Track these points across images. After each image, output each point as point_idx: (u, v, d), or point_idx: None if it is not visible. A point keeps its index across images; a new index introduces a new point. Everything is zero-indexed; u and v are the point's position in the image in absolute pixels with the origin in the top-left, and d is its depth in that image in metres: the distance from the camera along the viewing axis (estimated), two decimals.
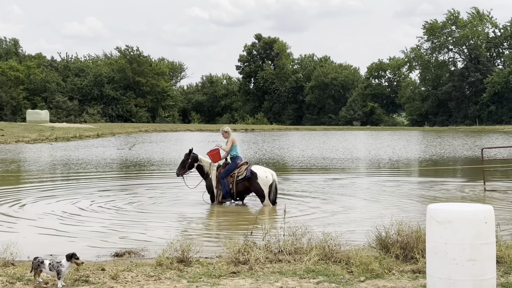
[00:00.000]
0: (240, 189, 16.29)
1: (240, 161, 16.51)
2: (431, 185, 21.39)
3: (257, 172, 16.11)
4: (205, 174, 16.75)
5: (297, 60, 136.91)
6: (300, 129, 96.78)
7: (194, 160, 16.74)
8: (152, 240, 11.77)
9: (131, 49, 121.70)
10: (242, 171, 16.22)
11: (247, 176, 16.06)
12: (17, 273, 8.42)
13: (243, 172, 16.17)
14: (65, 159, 34.22)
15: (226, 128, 16.88)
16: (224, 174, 16.27)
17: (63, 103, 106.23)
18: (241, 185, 16.23)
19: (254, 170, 16.17)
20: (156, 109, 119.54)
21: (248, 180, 16.09)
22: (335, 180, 23.46)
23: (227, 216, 15.26)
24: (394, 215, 12.34)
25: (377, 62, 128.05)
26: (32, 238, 11.93)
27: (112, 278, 8.25)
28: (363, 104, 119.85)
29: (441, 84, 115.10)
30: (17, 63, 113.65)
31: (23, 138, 52.82)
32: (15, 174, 26.21)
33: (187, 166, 16.78)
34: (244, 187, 16.28)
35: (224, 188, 16.26)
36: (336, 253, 9.26)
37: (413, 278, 8.17)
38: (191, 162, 16.75)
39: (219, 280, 8.21)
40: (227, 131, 16.69)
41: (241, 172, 16.21)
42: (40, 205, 16.30)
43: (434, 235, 6.77)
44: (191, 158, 16.75)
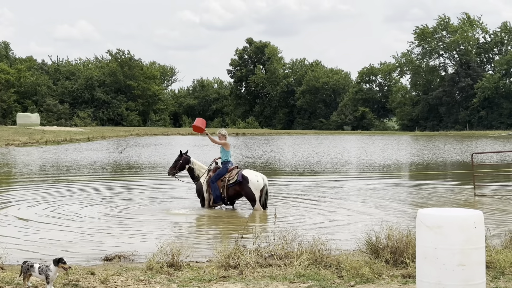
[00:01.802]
0: (231, 193, 16.28)
1: (231, 166, 16.51)
2: (422, 190, 21.44)
3: (248, 176, 16.10)
4: (195, 178, 16.73)
5: (288, 64, 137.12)
6: (291, 133, 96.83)
7: (186, 162, 16.74)
8: (142, 244, 11.74)
9: (122, 52, 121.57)
10: (233, 175, 16.20)
11: (238, 180, 16.05)
12: (6, 277, 8.37)
13: (234, 176, 16.16)
14: (56, 163, 34.09)
15: (224, 131, 16.84)
16: (215, 178, 16.26)
17: (54, 107, 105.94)
18: (232, 190, 16.22)
19: (245, 174, 16.16)
20: (147, 112, 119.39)
21: (239, 184, 16.08)
22: (326, 184, 23.48)
23: (217, 220, 15.24)
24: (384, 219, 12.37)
25: (368, 67, 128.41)
26: (21, 242, 11.85)
27: (102, 282, 8.22)
28: (354, 108, 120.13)
29: (431, 89, 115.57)
30: (8, 66, 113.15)
31: (13, 141, 52.58)
32: (5, 177, 26.09)
33: (178, 167, 16.78)
34: (235, 192, 16.27)
35: (215, 192, 16.24)
36: (326, 258, 9.27)
37: (403, 283, 8.18)
38: (183, 163, 16.74)
39: (209, 284, 8.19)
40: (224, 134, 16.66)
41: (232, 176, 16.20)
42: (29, 208, 16.21)
43: (424, 240, 6.78)
44: (183, 159, 16.74)
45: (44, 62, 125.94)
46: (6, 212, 15.56)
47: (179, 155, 16.91)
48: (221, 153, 16.62)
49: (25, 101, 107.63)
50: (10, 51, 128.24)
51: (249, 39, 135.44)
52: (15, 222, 14.14)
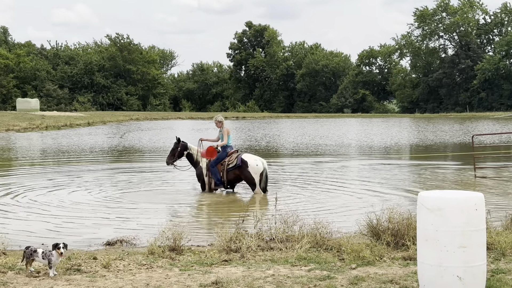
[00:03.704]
0: (230, 177, 16.31)
1: (230, 150, 16.51)
2: (422, 172, 21.46)
3: (247, 160, 16.12)
4: (195, 162, 16.74)
5: (288, 47, 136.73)
6: (291, 116, 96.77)
7: (184, 149, 16.73)
8: (144, 228, 11.78)
9: (122, 37, 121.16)
10: (233, 159, 16.22)
11: (238, 165, 16.08)
12: (8, 262, 8.41)
13: (234, 160, 16.18)
14: (56, 148, 34.10)
15: (220, 117, 16.81)
16: (214, 162, 16.28)
17: (54, 92, 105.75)
18: (231, 173, 16.25)
19: (244, 158, 16.18)
20: (147, 97, 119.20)
21: (239, 168, 16.10)
22: (326, 166, 23.50)
23: (218, 205, 15.26)
24: (385, 202, 12.41)
25: (368, 49, 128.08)
26: (22, 227, 11.89)
27: (104, 266, 8.25)
28: (354, 91, 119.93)
29: (431, 71, 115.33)
30: (7, 51, 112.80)
31: (13, 126, 52.58)
32: (6, 162, 26.11)
33: (177, 155, 16.79)
34: (234, 175, 16.30)
35: (215, 175, 16.28)
36: (327, 241, 9.29)
37: (404, 265, 8.21)
38: (181, 150, 16.74)
39: (211, 268, 8.22)
40: (220, 121, 16.64)
41: (231, 160, 16.22)
42: (30, 194, 16.24)
43: (425, 222, 6.79)
44: (180, 146, 16.73)
45: (43, 47, 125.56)
46: (7, 197, 15.59)
47: (176, 142, 16.88)
48: (221, 139, 16.60)
49: (25, 86, 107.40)
50: (9, 36, 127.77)
51: (248, 23, 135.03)
52: (16, 208, 14.17)
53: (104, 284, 7.43)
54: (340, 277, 7.61)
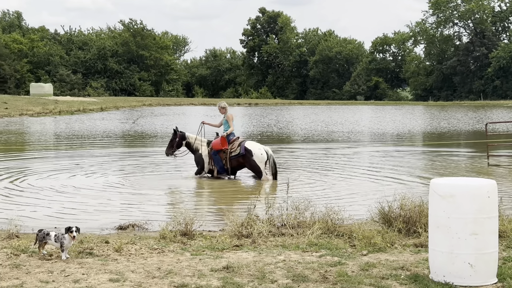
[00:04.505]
0: (234, 164, 16.27)
1: (232, 137, 16.40)
2: (435, 159, 21.39)
3: (251, 149, 16.05)
4: (192, 148, 16.66)
5: (301, 34, 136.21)
6: (303, 103, 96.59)
7: (182, 138, 16.67)
8: (155, 213, 11.83)
9: (135, 22, 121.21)
10: (235, 147, 16.14)
11: (241, 153, 16.01)
12: (21, 245, 8.47)
13: (236, 148, 16.10)
14: (69, 132, 34.26)
15: (223, 103, 16.78)
16: (215, 151, 16.20)
17: (67, 77, 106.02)
18: (235, 161, 16.20)
19: (248, 147, 16.08)
20: (159, 83, 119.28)
21: (243, 157, 16.05)
22: (339, 153, 23.46)
23: (229, 190, 15.29)
24: (397, 189, 12.37)
25: (382, 37, 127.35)
26: (35, 211, 11.96)
27: (116, 250, 8.29)
28: (367, 78, 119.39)
29: (446, 59, 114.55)
30: (20, 36, 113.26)
31: (27, 111, 52.84)
32: (19, 147, 26.27)
33: (176, 145, 16.73)
34: (238, 163, 16.26)
35: (218, 163, 16.19)
36: (338, 227, 9.29)
37: (415, 252, 8.20)
38: (179, 140, 16.68)
39: (222, 253, 8.25)
40: (224, 107, 16.61)
41: (233, 148, 16.14)
42: (43, 178, 16.33)
43: (437, 209, 6.77)
44: (178, 136, 16.67)
45: (57, 32, 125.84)
46: (21, 181, 15.69)
47: (174, 133, 16.83)
48: (224, 125, 16.52)
49: (38, 71, 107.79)
50: (23, 21, 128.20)
51: (262, 9, 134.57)
52: (29, 192, 14.25)
53: (116, 267, 7.47)
54: (351, 263, 7.61)
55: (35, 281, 6.90)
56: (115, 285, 6.76)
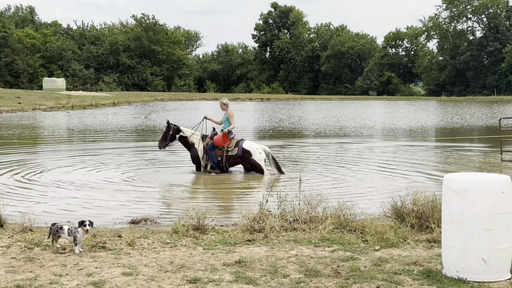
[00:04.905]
0: (231, 162, 16.24)
1: (230, 135, 16.32)
2: (448, 154, 21.29)
3: (250, 150, 16.05)
4: (189, 143, 16.54)
5: (313, 29, 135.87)
6: (316, 98, 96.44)
7: (176, 132, 16.57)
8: (167, 208, 11.85)
9: (147, 17, 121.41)
10: (232, 146, 16.10)
11: (239, 155, 16.01)
12: (35, 238, 8.51)
13: (234, 148, 16.07)
14: (82, 127, 34.39)
15: (225, 100, 16.75)
16: (212, 146, 16.15)
17: (79, 71, 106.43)
18: (232, 160, 16.18)
19: (246, 148, 16.06)
20: (171, 77, 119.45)
21: (241, 158, 16.04)
22: (351, 148, 23.42)
23: (241, 185, 15.30)
24: (409, 184, 12.34)
25: (394, 31, 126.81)
26: (47, 205, 12.02)
27: (129, 244, 8.32)
28: (379, 73, 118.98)
29: (459, 54, 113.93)
30: (33, 31, 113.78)
31: (39, 106, 53.09)
32: (32, 141, 26.40)
33: (169, 138, 16.64)
34: (236, 162, 16.25)
35: (212, 159, 16.11)
36: (351, 222, 9.27)
37: (428, 248, 8.17)
38: (173, 134, 16.57)
39: (234, 247, 8.25)
40: (226, 103, 16.55)
41: (231, 147, 16.11)
42: (57, 172, 16.41)
43: (450, 204, 6.74)
44: (172, 130, 16.59)
45: (70, 27, 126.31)
46: (33, 176, 15.77)
47: (167, 126, 16.76)
48: (224, 122, 16.47)
49: (51, 66, 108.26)
50: (36, 16, 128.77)
51: (274, 4, 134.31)
52: (42, 186, 14.32)
53: (128, 261, 7.50)
54: (364, 258, 7.60)
55: (49, 274, 6.94)
56: (128, 278, 6.78)
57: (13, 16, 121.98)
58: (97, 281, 6.66)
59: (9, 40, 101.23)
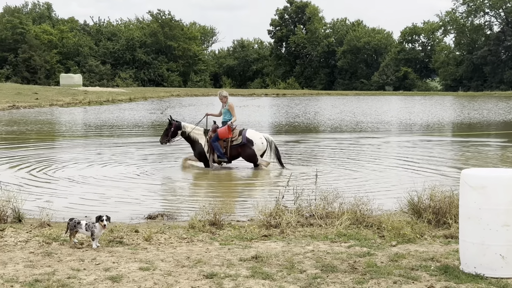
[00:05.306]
0: (233, 153, 16.26)
1: (233, 127, 16.33)
2: (465, 150, 21.17)
3: (253, 139, 16.10)
4: (192, 139, 16.55)
5: (329, 24, 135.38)
6: (331, 94, 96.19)
7: (177, 128, 16.59)
8: (183, 203, 11.89)
9: (163, 13, 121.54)
10: (236, 136, 16.14)
11: (243, 142, 16.03)
12: (53, 233, 8.58)
13: (238, 137, 16.10)
14: (99, 122, 34.55)
15: (225, 93, 16.81)
16: (216, 138, 16.17)
17: (96, 67, 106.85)
18: (234, 150, 16.21)
19: (249, 137, 16.13)
20: (187, 73, 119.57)
21: (242, 146, 16.07)
22: (367, 143, 23.34)
23: (257, 181, 15.30)
24: (426, 179, 12.28)
25: (411, 26, 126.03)
26: (65, 200, 12.09)
27: (146, 239, 8.36)
28: (396, 69, 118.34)
29: (476, 49, 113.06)
30: (50, 27, 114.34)
31: (57, 101, 53.38)
32: (49, 137, 26.56)
33: (170, 134, 16.67)
34: (237, 152, 16.27)
35: (217, 150, 16.14)
36: (367, 218, 9.26)
37: (445, 243, 8.14)
38: (174, 130, 16.61)
39: (250, 243, 8.27)
40: (226, 95, 16.62)
41: (235, 137, 16.14)
42: (74, 167, 16.50)
43: (468, 200, 6.71)
44: (173, 126, 16.61)
45: (86, 23, 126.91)
46: (51, 171, 15.87)
47: (169, 122, 16.79)
48: (225, 114, 16.48)
49: (68, 62, 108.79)
50: (53, 12, 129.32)
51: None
52: (60, 181, 14.40)
53: (145, 256, 7.54)
54: (380, 254, 7.59)
55: (67, 269, 6.99)
56: (145, 273, 6.82)
57: (30, 13, 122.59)
58: (114, 276, 6.70)
59: (26, 36, 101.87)
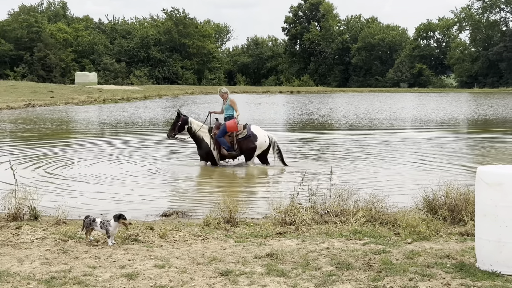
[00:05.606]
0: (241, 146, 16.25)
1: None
2: (481, 147, 21.05)
3: (257, 134, 16.18)
4: (197, 138, 16.53)
5: (344, 21, 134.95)
6: (346, 91, 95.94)
7: (184, 123, 16.63)
8: (198, 200, 11.91)
9: (177, 11, 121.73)
10: (241, 129, 16.19)
11: (248, 135, 16.07)
12: (69, 231, 8.63)
13: (243, 131, 16.16)
14: (114, 120, 34.68)
15: (225, 89, 16.90)
16: (221, 133, 16.18)
17: (111, 65, 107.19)
18: (240, 144, 16.20)
19: (254, 132, 16.20)
20: (202, 71, 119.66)
21: (246, 139, 16.09)
22: (382, 140, 23.27)
23: (271, 178, 15.30)
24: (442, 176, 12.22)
25: (426, 23, 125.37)
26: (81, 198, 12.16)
27: (161, 237, 8.39)
28: (410, 65, 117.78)
29: (492, 45, 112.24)
30: (65, 26, 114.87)
31: (72, 99, 53.65)
32: (64, 134, 26.70)
33: (177, 128, 16.72)
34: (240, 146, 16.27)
35: (225, 144, 16.15)
36: (382, 215, 9.23)
37: (461, 241, 8.10)
38: (181, 124, 16.65)
39: (265, 240, 8.27)
40: (226, 91, 16.70)
41: (240, 131, 16.17)
42: (90, 165, 16.58)
43: (484, 197, 6.68)
44: (181, 120, 16.66)
45: (101, 21, 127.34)
46: (67, 169, 15.96)
47: (177, 116, 16.84)
48: (227, 110, 16.47)
49: (83, 60, 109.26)
50: (68, 11, 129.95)
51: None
52: (76, 178, 14.48)
53: (161, 253, 7.56)
54: (396, 251, 7.56)
55: (83, 266, 7.03)
56: (160, 271, 6.84)
57: (45, 11, 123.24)
58: (130, 273, 6.73)
59: (42, 35, 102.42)
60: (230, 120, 16.23)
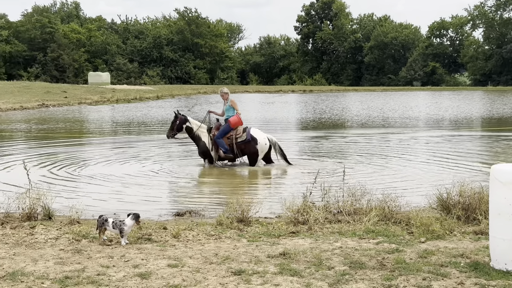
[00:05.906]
0: (240, 149, 16.22)
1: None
2: (495, 145, 20.92)
3: (257, 137, 16.12)
4: (195, 137, 16.54)
5: (356, 19, 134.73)
6: (359, 90, 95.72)
7: (183, 122, 16.63)
8: (210, 200, 11.92)
9: (190, 10, 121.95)
10: (241, 133, 16.14)
11: (248, 140, 16.02)
12: (82, 230, 8.66)
13: (242, 134, 16.10)
14: (127, 120, 34.78)
15: (226, 89, 16.86)
16: (220, 135, 16.15)
17: (123, 65, 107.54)
18: (239, 147, 16.18)
19: (254, 135, 16.14)
20: (214, 70, 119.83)
21: (246, 143, 16.05)
22: (395, 138, 23.18)
23: (284, 177, 15.29)
24: (455, 175, 12.17)
25: (439, 21, 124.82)
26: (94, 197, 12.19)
27: (174, 236, 8.40)
28: (424, 64, 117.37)
29: (505, 43, 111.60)
30: (78, 26, 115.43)
31: (85, 100, 53.87)
32: (78, 134, 26.81)
33: (176, 128, 16.72)
34: (241, 149, 16.25)
35: (223, 146, 16.12)
36: (396, 214, 9.20)
37: (475, 240, 8.06)
38: (179, 124, 16.64)
39: (278, 239, 8.26)
40: (227, 92, 16.68)
41: (239, 134, 16.14)
42: (103, 166, 16.63)
43: (498, 196, 6.63)
44: (179, 120, 16.65)
45: (114, 21, 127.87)
46: (80, 168, 16.01)
47: (175, 116, 16.84)
48: (228, 110, 16.44)
49: (96, 60, 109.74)
50: (81, 11, 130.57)
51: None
52: (89, 178, 14.52)
53: (174, 253, 7.57)
54: (409, 251, 7.53)
55: (96, 265, 7.05)
56: (173, 270, 6.85)
57: (58, 12, 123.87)
58: (143, 273, 6.75)
59: (55, 35, 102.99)
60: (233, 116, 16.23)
